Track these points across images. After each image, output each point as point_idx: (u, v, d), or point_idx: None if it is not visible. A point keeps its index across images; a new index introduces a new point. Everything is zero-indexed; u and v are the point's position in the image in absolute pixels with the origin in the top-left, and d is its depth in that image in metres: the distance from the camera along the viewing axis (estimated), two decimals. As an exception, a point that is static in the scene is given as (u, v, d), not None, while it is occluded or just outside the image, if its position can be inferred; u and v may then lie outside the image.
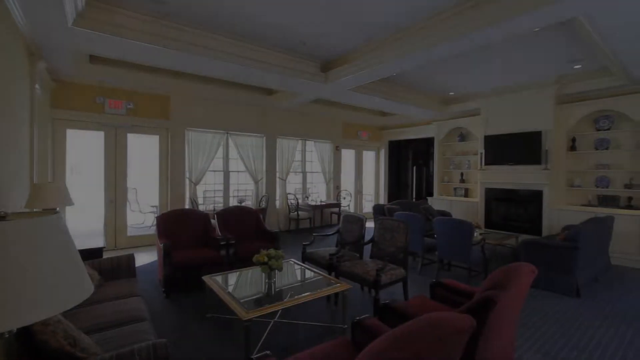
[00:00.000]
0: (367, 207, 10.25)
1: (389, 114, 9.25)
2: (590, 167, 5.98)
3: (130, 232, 6.29)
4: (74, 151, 5.84)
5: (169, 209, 6.04)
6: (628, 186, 5.53)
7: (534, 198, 6.16)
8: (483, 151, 6.80)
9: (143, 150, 6.78)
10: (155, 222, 4.43)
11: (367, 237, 4.07)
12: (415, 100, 7.11)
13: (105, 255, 3.45)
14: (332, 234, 4.44)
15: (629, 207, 5.50)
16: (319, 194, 9.04)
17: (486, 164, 6.74)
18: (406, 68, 4.73)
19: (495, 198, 6.77)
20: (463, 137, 8.03)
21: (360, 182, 10.11)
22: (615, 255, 5.23)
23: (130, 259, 3.19)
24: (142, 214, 7.42)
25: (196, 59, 4.31)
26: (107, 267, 3.04)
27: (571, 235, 3.97)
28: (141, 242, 6.23)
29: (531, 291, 4.03)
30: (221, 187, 7.26)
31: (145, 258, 5.34)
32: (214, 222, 4.79)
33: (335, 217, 8.80)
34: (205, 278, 3.17)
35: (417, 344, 1.10)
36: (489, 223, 6.81)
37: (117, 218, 5.95)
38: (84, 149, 6.32)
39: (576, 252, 3.86)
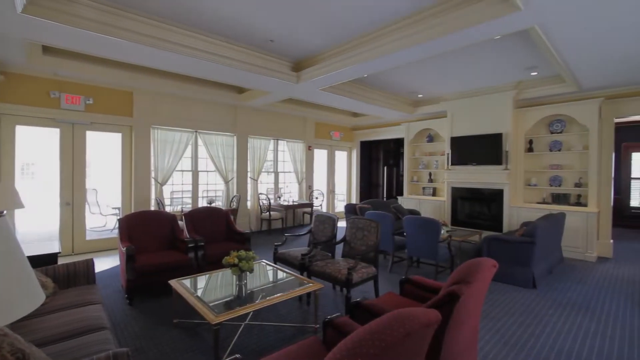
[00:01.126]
0: (340, 207, 10.36)
1: (360, 115, 9.40)
2: (545, 167, 6.42)
3: (90, 235, 5.92)
4: (25, 150, 5.39)
5: (132, 211, 5.75)
6: (577, 185, 6.00)
7: (496, 196, 6.52)
8: (449, 152, 7.09)
9: (104, 149, 6.40)
10: (117, 225, 4.20)
11: (339, 236, 4.10)
12: (385, 102, 7.28)
13: (61, 261, 3.21)
14: (304, 234, 4.43)
15: (578, 204, 5.97)
16: (291, 194, 9.00)
17: (452, 164, 7.03)
18: (376, 70, 4.84)
19: (461, 197, 7.09)
20: (431, 138, 8.33)
21: (332, 181, 10.19)
22: (567, 248, 5.65)
23: (89, 264, 2.99)
24: (103, 216, 7.01)
25: (159, 54, 4.13)
26: (63, 274, 2.84)
27: (528, 231, 4.25)
28: (102, 247, 5.88)
29: (493, 284, 4.26)
30: (190, 188, 7.02)
31: (106, 263, 5.04)
32: (181, 223, 4.62)
33: (307, 217, 8.80)
34: (172, 282, 3.05)
35: (386, 340, 1.12)
36: (455, 221, 7.11)
37: (75, 221, 5.57)
38: (37, 147, 5.85)
39: (533, 246, 4.13)
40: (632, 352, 2.69)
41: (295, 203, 8.01)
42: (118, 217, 4.84)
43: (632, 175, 9.14)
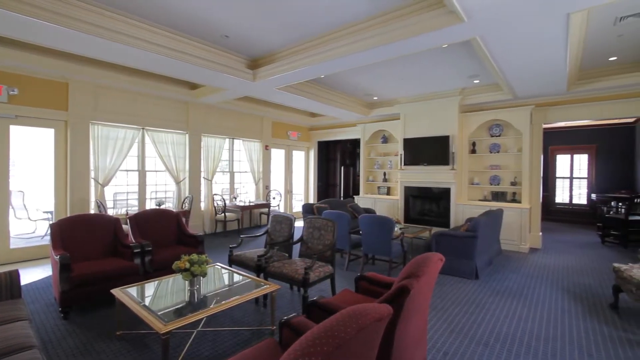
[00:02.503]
0: (297, 207, 10.35)
1: (318, 115, 9.48)
2: (486, 167, 7.00)
3: (16, 243, 5.25)
4: None
5: (68, 215, 5.21)
6: (513, 183, 6.63)
7: (444, 195, 6.96)
8: (402, 152, 7.43)
9: (33, 146, 5.71)
10: (49, 231, 3.77)
11: (297, 236, 4.09)
12: (342, 103, 7.41)
13: (-23, 273, 2.80)
14: (261, 235, 4.35)
15: (514, 201, 6.60)
16: (247, 194, 8.79)
17: (405, 164, 7.38)
18: (332, 71, 4.90)
19: (413, 195, 7.46)
20: (386, 139, 8.66)
21: (290, 181, 10.14)
22: (504, 241, 6.22)
23: (13, 276, 2.64)
24: (32, 221, 6.25)
25: (99, 42, 3.78)
26: (-21, 289, 2.47)
27: (471, 227, 4.59)
28: (31, 256, 5.24)
29: (441, 277, 4.54)
30: (136, 189, 6.53)
31: (36, 274, 4.50)
32: (126, 227, 4.28)
33: (264, 217, 8.66)
34: (115, 291, 2.81)
35: (339, 336, 1.13)
36: (408, 218, 7.47)
37: (-4, 228, 4.90)
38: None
39: (475, 240, 4.48)
40: (556, 331, 3.03)
41: (251, 203, 7.84)
42: (50, 222, 4.34)
43: (557, 175, 10.34)
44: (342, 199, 10.62)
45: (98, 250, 3.78)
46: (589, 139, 9.61)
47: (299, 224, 5.29)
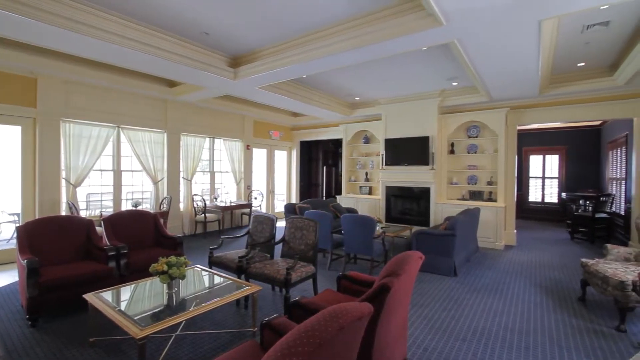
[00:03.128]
0: (280, 207, 10.28)
1: (300, 115, 9.45)
2: (464, 167, 7.20)
3: (-22, 248, 4.94)
4: None
5: (37, 217, 4.95)
6: (489, 183, 6.86)
7: (424, 194, 7.11)
8: (384, 153, 7.52)
9: (-2, 145, 5.39)
10: (15, 234, 3.57)
11: (279, 236, 4.06)
12: (324, 103, 7.43)
13: None
14: (242, 236, 4.29)
15: (490, 199, 6.82)
16: (228, 195, 8.65)
17: (386, 164, 7.48)
18: (314, 71, 4.90)
19: (394, 195, 7.57)
20: (368, 140, 8.74)
21: (272, 181, 10.06)
22: (481, 239, 6.42)
23: (-25, 282, 2.49)
24: (-3, 224, 5.90)
25: (69, 36, 3.60)
26: (-64, 297, 2.31)
27: (450, 225, 4.71)
28: (-5, 260, 4.95)
29: (421, 275, 4.63)
30: (111, 189, 6.29)
31: (1, 280, 4.26)
32: (100, 229, 4.12)
33: (246, 218, 8.56)
34: (88, 296, 2.69)
35: (320, 336, 1.13)
36: (389, 217, 7.57)
37: (-44, 231, 4.59)
38: None
39: (454, 238, 4.60)
40: (529, 324, 3.16)
41: (233, 204, 7.72)
42: (16, 225, 4.11)
43: (530, 175, 10.78)
44: (324, 198, 10.66)
45: (70, 254, 3.62)
46: (559, 141, 10.08)
47: (281, 224, 5.25)
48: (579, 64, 5.25)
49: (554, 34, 4.01)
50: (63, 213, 5.43)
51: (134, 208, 5.81)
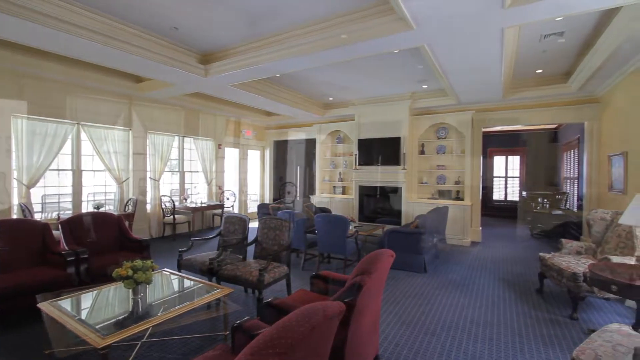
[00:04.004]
0: (253, 207, 10.12)
1: (274, 114, 9.35)
2: (433, 167, 7.46)
3: None
4: None
5: (-16, 221, 4.54)
6: (457, 182, 7.15)
7: (396, 193, 7.28)
8: (357, 153, 7.62)
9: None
10: (-42, 240, 3.26)
11: (251, 237, 4.00)
12: (298, 103, 7.40)
13: None
14: (213, 237, 4.18)
15: (457, 198, 7.11)
16: (199, 195, 8.40)
17: (359, 164, 7.58)
18: (287, 70, 4.87)
19: (367, 194, 7.70)
20: (341, 140, 8.82)
21: (245, 181, 9.89)
22: (449, 236, 6.67)
23: None
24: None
25: (20, 25, 3.34)
26: None
27: (420, 223, 4.86)
28: None
29: (393, 272, 4.74)
30: (70, 191, 5.89)
31: (-59, 290, 3.85)
32: (58, 233, 3.85)
33: (218, 219, 8.35)
34: (43, 305, 2.51)
35: (292, 337, 1.12)
36: (362, 216, 7.69)
37: None
38: None
39: (424, 236, 4.74)
40: (493, 317, 3.32)
41: (203, 205, 7.50)
42: (-40, 230, 3.75)
43: (494, 174, 11.37)
44: (298, 198, 10.61)
45: (22, 260, 3.35)
46: (520, 142, 10.71)
47: (254, 224, 5.17)
48: (537, 71, 5.60)
49: (516, 42, 4.25)
50: (14, 216, 5.02)
51: (95, 210, 5.49)
